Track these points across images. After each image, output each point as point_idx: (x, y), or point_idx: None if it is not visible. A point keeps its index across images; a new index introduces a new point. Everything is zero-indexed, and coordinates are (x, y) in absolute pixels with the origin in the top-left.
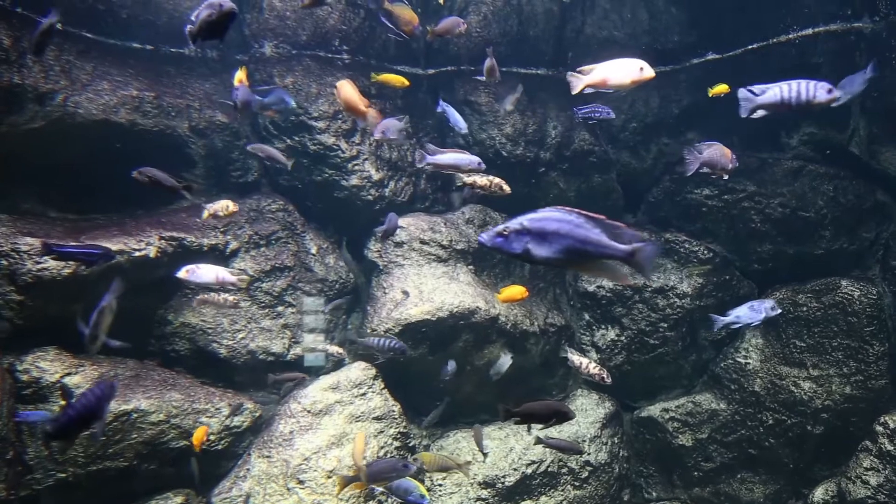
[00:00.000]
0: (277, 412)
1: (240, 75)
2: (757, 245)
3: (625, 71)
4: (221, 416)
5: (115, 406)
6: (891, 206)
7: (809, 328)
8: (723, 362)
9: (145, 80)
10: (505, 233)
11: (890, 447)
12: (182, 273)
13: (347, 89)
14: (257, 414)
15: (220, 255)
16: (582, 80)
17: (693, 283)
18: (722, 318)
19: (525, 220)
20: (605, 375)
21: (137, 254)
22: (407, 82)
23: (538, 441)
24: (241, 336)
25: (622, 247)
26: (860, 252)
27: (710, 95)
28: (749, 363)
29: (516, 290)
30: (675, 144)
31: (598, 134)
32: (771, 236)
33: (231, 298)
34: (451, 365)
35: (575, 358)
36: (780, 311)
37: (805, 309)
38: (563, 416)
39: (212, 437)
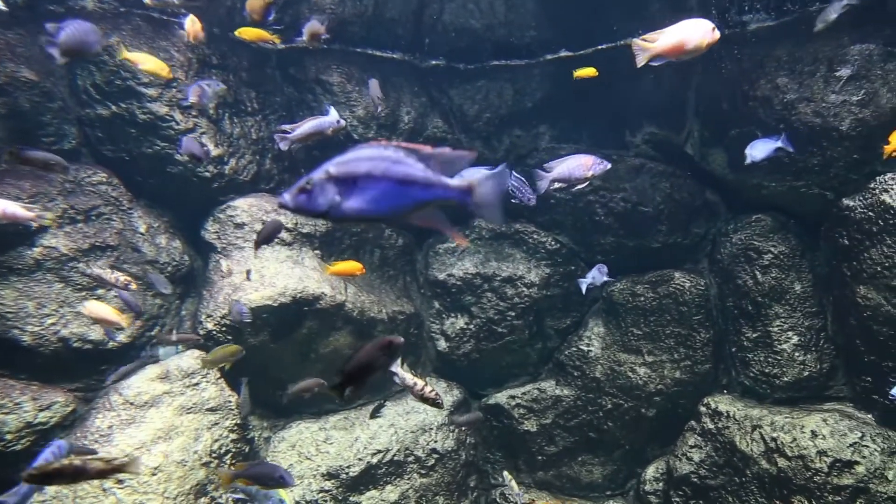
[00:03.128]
0: (95, 405)
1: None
2: (600, 237)
3: (699, 34)
4: (22, 411)
5: None
6: (718, 205)
7: (646, 317)
8: (567, 350)
9: None
10: (308, 187)
11: (711, 426)
12: None
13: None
14: (69, 408)
15: (23, 230)
16: (648, 49)
17: (540, 273)
18: (585, 280)
19: (331, 165)
20: (440, 402)
21: None
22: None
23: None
24: (50, 322)
25: (456, 183)
26: (692, 246)
27: (575, 77)
28: (591, 350)
29: (350, 265)
30: (527, 137)
31: (452, 122)
32: (613, 229)
33: (123, 278)
34: None
35: (408, 377)
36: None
37: (642, 299)
38: (395, 346)
39: (9, 437)
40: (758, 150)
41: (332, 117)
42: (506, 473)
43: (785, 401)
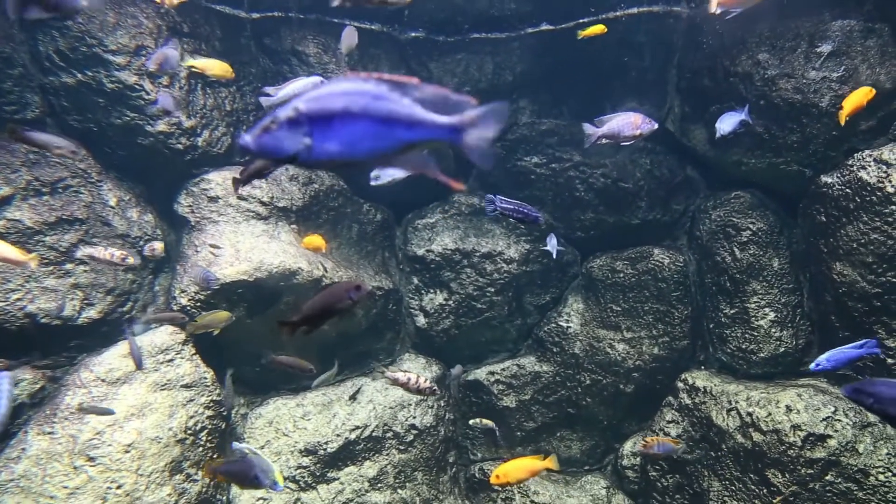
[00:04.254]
0: (64, 383)
1: None
2: (580, 213)
3: None
4: None
5: None
6: (698, 182)
7: (625, 293)
8: (546, 326)
9: None
10: (273, 126)
11: (688, 401)
12: None
13: None
14: (37, 386)
15: None
16: None
17: (520, 249)
18: (549, 248)
19: (301, 101)
20: (435, 388)
21: None
22: None
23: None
24: (15, 297)
25: (446, 120)
26: (671, 223)
27: (579, 38)
28: (570, 327)
29: (315, 239)
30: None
31: None
32: (593, 205)
33: (119, 253)
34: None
35: (399, 375)
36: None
37: (622, 275)
38: (363, 290)
39: None
40: (726, 124)
41: (314, 78)
42: (472, 421)
43: (761, 376)
